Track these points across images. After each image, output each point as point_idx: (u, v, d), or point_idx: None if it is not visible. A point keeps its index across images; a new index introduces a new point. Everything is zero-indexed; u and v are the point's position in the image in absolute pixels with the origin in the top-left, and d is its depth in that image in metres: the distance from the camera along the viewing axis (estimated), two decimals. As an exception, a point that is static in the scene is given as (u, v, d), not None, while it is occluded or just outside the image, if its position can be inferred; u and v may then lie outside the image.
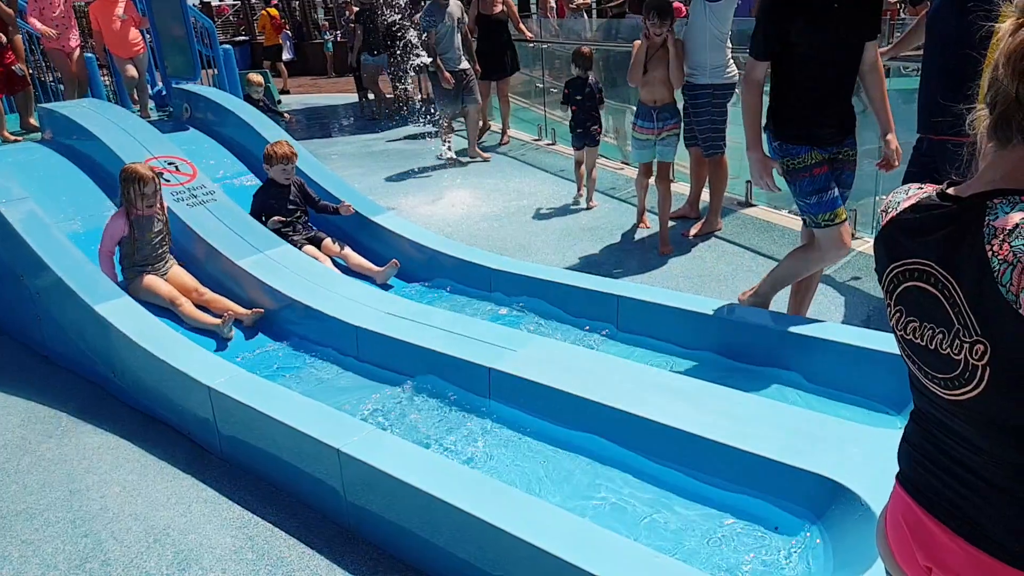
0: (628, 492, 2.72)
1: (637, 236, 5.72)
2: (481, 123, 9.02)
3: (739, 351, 3.57)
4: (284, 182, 4.98)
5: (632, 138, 5.42)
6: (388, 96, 11.68)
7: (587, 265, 5.19)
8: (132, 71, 7.74)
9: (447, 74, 7.72)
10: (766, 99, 3.47)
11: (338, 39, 18.57)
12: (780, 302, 3.86)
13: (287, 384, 3.58)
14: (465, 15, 8.09)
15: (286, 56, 17.79)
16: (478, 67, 8.31)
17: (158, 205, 4.32)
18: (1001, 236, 1.00)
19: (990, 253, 1.01)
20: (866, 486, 2.30)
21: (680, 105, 5.43)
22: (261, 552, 2.67)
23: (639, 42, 5.13)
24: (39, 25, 7.33)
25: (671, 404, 2.87)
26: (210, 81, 7.61)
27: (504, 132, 9.23)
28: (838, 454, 2.49)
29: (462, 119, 8.41)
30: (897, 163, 3.49)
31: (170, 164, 5.00)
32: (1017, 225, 0.99)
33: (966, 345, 1.07)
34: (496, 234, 5.95)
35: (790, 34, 3.19)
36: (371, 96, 11.78)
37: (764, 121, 3.47)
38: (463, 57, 7.94)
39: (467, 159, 8.33)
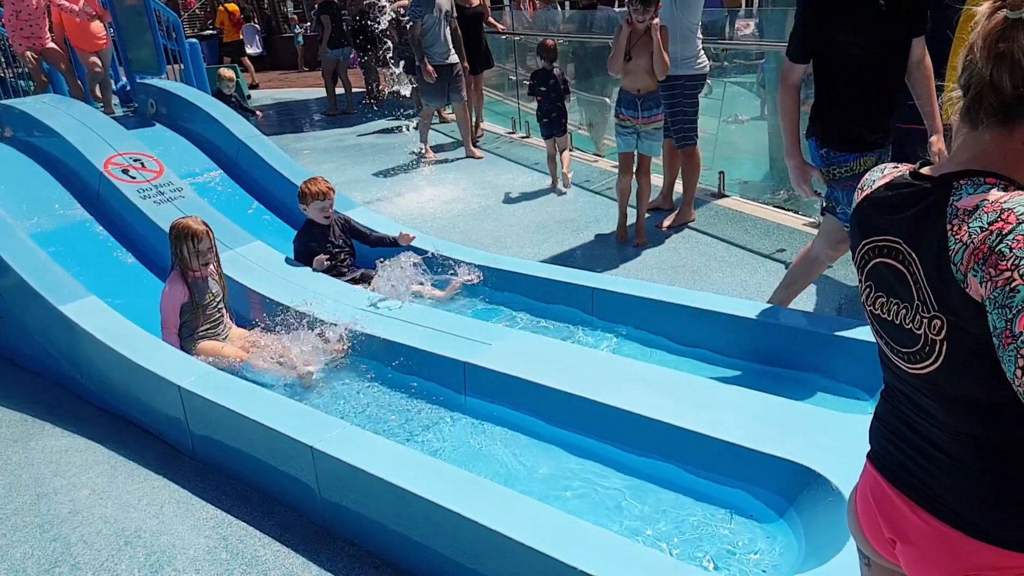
0: (602, 482, 2.73)
1: (611, 229, 5.73)
2: (475, 119, 8.80)
3: (714, 342, 3.59)
4: (324, 222, 4.50)
5: (615, 126, 5.23)
6: (357, 89, 11.58)
7: (562, 257, 5.19)
8: (96, 65, 7.59)
9: (429, 67, 7.62)
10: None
11: (308, 32, 18.36)
12: (754, 288, 3.90)
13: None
14: (454, 8, 7.87)
15: (254, 50, 17.55)
16: (466, 63, 8.10)
17: (215, 263, 3.87)
18: (961, 216, 1.03)
19: (950, 232, 1.03)
20: (836, 471, 2.33)
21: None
22: (235, 551, 2.64)
23: (622, 27, 4.91)
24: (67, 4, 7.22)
25: (644, 394, 2.89)
26: (177, 76, 7.47)
27: (477, 125, 9.20)
28: (809, 440, 2.52)
29: (437, 116, 8.35)
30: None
31: (135, 161, 4.91)
32: (977, 207, 1.01)
33: (925, 320, 1.10)
34: (471, 227, 5.93)
35: (833, 35, 3.01)
36: (340, 90, 11.66)
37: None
38: (451, 51, 7.70)
39: (455, 156, 8.16)
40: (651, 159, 5.26)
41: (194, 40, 8.20)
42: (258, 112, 8.68)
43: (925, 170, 1.16)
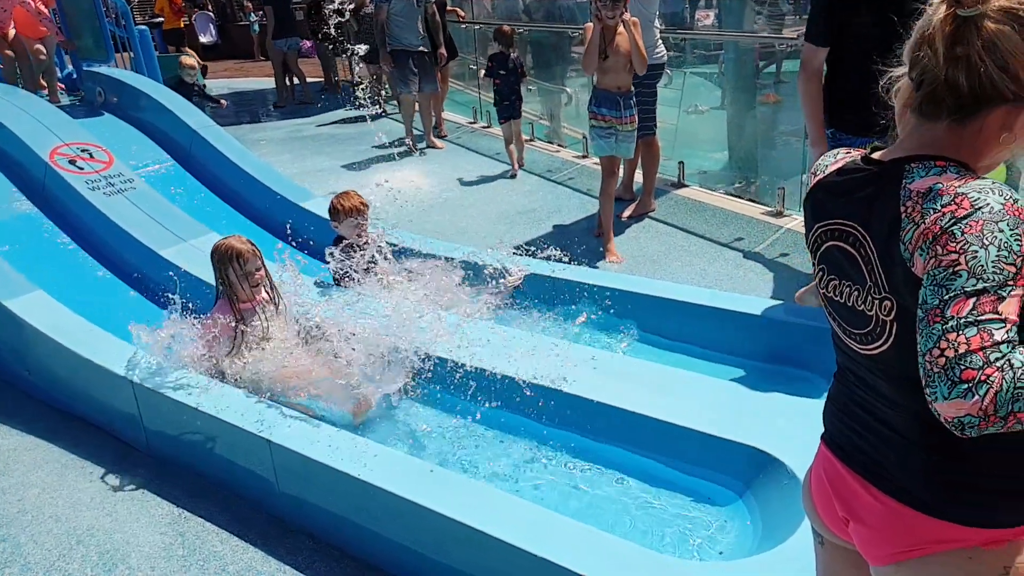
0: (562, 470, 2.75)
1: (573, 219, 5.75)
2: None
3: (672, 331, 3.63)
4: (357, 241, 3.98)
5: (592, 128, 4.89)
6: (313, 79, 11.39)
7: (525, 247, 5.18)
8: (41, 53, 7.35)
9: (387, 55, 7.49)
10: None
11: (263, 21, 17.97)
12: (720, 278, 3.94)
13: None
14: None
15: (207, 39, 17.11)
16: (444, 52, 7.90)
17: (266, 286, 3.36)
18: (915, 199, 1.05)
19: (903, 214, 1.05)
20: (791, 454, 2.38)
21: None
22: (192, 547, 2.59)
23: (591, 25, 4.70)
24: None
25: (602, 381, 2.90)
26: (128, 65, 7.26)
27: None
28: (764, 424, 2.57)
29: (395, 103, 8.22)
30: None
31: (83, 151, 4.76)
32: (931, 189, 1.03)
33: (876, 301, 1.12)
34: (433, 218, 5.89)
35: (851, 19, 2.95)
36: (294, 80, 11.45)
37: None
38: (424, 39, 7.47)
39: (420, 146, 8.02)
40: (627, 160, 5.13)
41: (144, 27, 7.97)
42: (222, 101, 8.49)
43: (876, 155, 1.18)
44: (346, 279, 3.76)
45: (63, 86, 7.93)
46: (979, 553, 1.12)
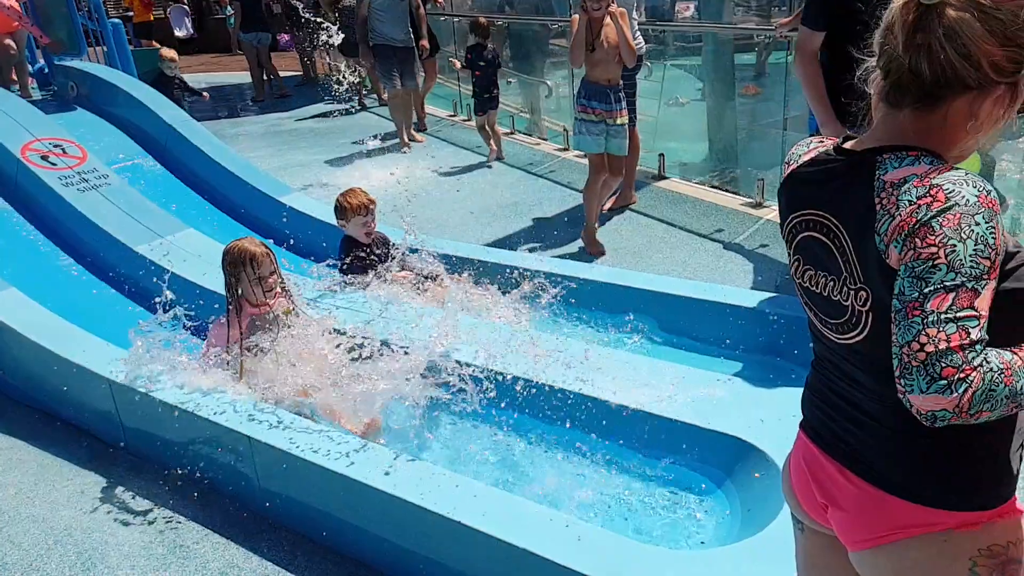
0: (545, 462, 2.76)
1: (554, 212, 5.74)
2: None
3: (655, 322, 3.64)
4: (365, 240, 3.87)
5: (580, 122, 4.74)
6: (287, 73, 11.27)
7: (506, 241, 5.18)
8: (12, 48, 7.20)
9: (368, 50, 7.41)
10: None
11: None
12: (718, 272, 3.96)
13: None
14: None
15: (183, 33, 16.87)
16: (426, 43, 7.75)
17: (278, 290, 3.17)
18: (889, 190, 1.05)
19: (877, 205, 1.06)
20: (771, 443, 2.40)
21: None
22: (172, 545, 2.57)
23: (577, 17, 4.59)
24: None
25: (584, 373, 2.91)
26: (102, 59, 7.14)
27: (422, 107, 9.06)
28: (744, 414, 2.58)
29: (375, 97, 8.15)
30: None
31: (56, 147, 4.68)
32: (904, 180, 1.04)
33: (851, 292, 1.12)
34: (414, 212, 5.84)
35: (851, 4, 2.84)
36: (269, 76, 11.33)
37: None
38: (408, 33, 7.34)
39: (396, 140, 7.90)
40: (623, 159, 4.84)
41: (118, 20, 7.84)
42: (204, 94, 8.38)
43: (848, 144, 1.19)
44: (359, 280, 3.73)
45: (35, 81, 7.78)
46: (954, 536, 1.14)
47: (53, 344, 3.25)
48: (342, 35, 7.93)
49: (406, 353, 2.97)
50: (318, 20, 8.34)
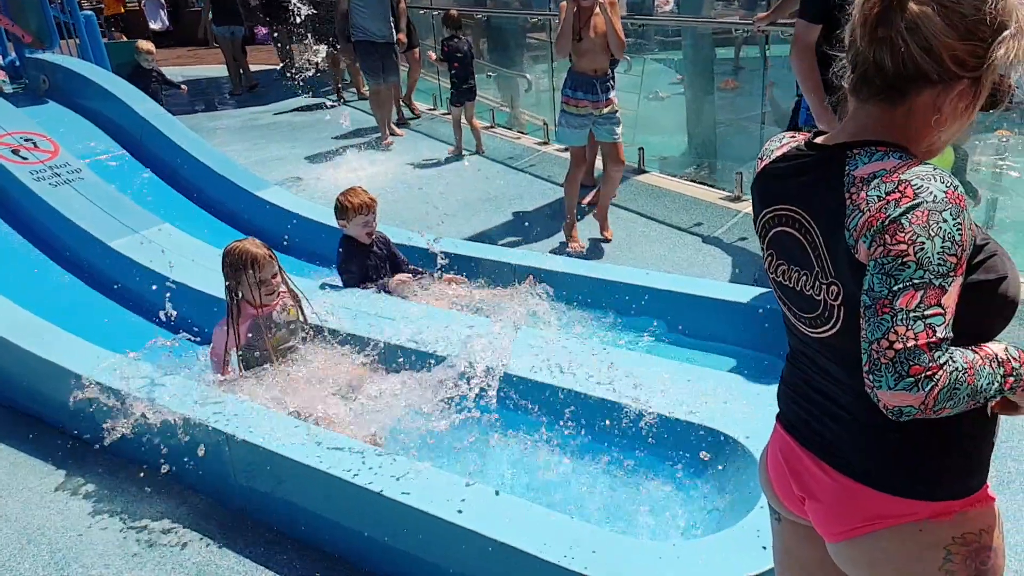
0: (525, 455, 2.75)
1: (535, 206, 5.74)
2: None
3: (633, 315, 3.65)
4: (366, 240, 3.78)
5: (564, 114, 4.68)
6: (257, 67, 11.15)
7: (488, 235, 5.17)
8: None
9: (348, 46, 7.35)
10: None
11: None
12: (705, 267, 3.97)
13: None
14: None
15: (158, 26, 16.61)
16: (403, 37, 7.67)
17: (281, 291, 3.11)
18: (858, 185, 1.06)
19: (848, 200, 1.06)
20: (748, 434, 2.41)
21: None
22: (148, 544, 2.54)
23: (565, 4, 4.49)
24: None
25: (566, 366, 2.90)
26: (74, 51, 7.01)
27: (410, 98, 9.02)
28: (723, 406, 2.60)
29: (353, 90, 8.10)
30: None
31: (27, 141, 4.60)
32: (874, 175, 1.04)
33: (824, 286, 1.13)
34: (394, 207, 5.82)
35: None
36: (254, 67, 11.22)
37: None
38: (389, 28, 7.28)
39: (376, 135, 7.85)
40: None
41: (91, 12, 7.71)
42: (182, 86, 8.26)
43: (819, 139, 1.19)
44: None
45: (5, 74, 7.62)
46: (928, 525, 1.15)
47: (25, 341, 3.20)
48: (312, 24, 7.85)
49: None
50: (285, 4, 8.27)
